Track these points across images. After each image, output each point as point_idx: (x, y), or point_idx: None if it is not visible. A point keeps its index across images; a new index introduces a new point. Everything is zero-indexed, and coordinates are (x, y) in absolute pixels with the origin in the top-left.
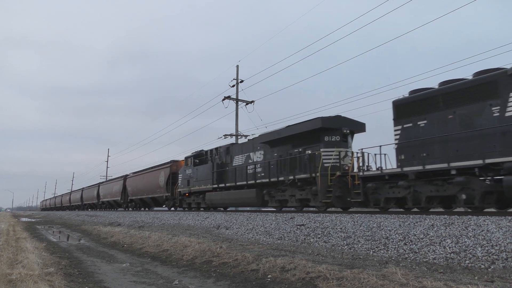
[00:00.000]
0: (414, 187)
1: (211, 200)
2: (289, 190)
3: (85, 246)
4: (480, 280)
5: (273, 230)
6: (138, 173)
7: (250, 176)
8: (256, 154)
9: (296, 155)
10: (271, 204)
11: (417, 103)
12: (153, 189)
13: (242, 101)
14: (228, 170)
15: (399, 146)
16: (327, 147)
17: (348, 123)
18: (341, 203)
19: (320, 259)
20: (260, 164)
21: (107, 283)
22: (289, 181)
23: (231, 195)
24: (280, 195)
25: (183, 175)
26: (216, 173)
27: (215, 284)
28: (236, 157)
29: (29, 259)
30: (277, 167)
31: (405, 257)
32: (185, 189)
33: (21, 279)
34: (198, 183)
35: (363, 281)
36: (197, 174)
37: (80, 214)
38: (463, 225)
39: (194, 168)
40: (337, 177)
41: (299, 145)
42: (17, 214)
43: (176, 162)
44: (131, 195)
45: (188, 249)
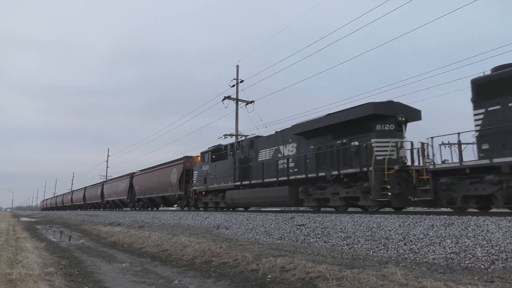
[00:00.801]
0: (507, 183)
1: (233, 199)
2: (331, 188)
3: (85, 246)
4: (480, 280)
5: (273, 230)
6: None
7: (281, 172)
8: (288, 147)
9: (339, 147)
10: (307, 204)
11: (507, 81)
12: (163, 187)
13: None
14: (252, 165)
15: (481, 134)
16: (380, 137)
17: (403, 109)
18: (401, 201)
19: (320, 259)
20: (293, 158)
21: (107, 283)
22: (332, 177)
23: (257, 193)
24: (319, 193)
25: (198, 172)
26: (238, 169)
27: (215, 284)
28: (262, 151)
29: (29, 258)
30: (315, 162)
31: (405, 257)
32: (201, 187)
33: (21, 278)
34: (216, 180)
35: (363, 281)
36: (216, 171)
37: (80, 214)
38: (463, 225)
39: (212, 164)
40: (395, 171)
41: (343, 136)
42: (17, 213)
43: (190, 158)
44: (139, 194)
45: (188, 249)
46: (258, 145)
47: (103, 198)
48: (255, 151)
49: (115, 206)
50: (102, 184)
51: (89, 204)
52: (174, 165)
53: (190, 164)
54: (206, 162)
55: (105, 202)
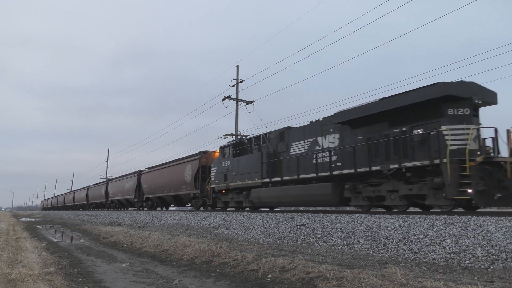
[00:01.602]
0: None
1: (260, 197)
2: (388, 184)
3: (85, 245)
4: (480, 280)
5: (273, 230)
6: (157, 167)
7: (322, 167)
8: (328, 138)
9: (398, 136)
10: (356, 203)
11: None
12: (176, 185)
13: (242, 101)
14: (283, 160)
15: None
16: (453, 124)
17: (479, 90)
18: (485, 199)
19: (320, 259)
20: (335, 151)
21: (107, 283)
22: (391, 171)
23: (291, 191)
24: (371, 191)
25: (217, 168)
26: (266, 165)
27: (215, 284)
28: (295, 144)
29: (29, 258)
30: (366, 154)
31: (405, 257)
32: (221, 185)
33: (21, 278)
34: (239, 177)
35: (363, 281)
36: (238, 167)
37: (80, 214)
38: (463, 225)
39: (234, 159)
40: (478, 164)
41: (402, 123)
42: (17, 213)
43: (206, 153)
44: (148, 193)
45: (188, 249)
46: (289, 137)
47: (108, 197)
48: (285, 144)
49: (121, 206)
50: (106, 183)
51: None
52: (188, 161)
53: (207, 160)
54: (226, 158)
55: (109, 201)
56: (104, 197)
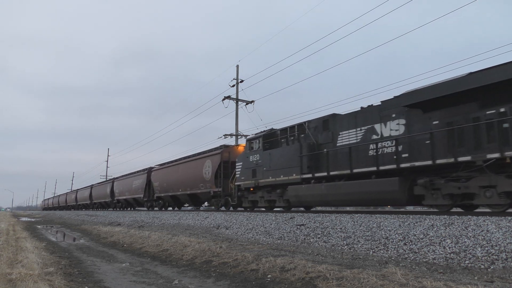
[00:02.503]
0: None
1: (299, 196)
2: (479, 179)
3: (85, 245)
4: (479, 280)
5: (273, 230)
6: (170, 164)
7: (383, 159)
8: (390, 125)
9: (493, 118)
10: (431, 201)
11: None
12: (193, 183)
13: (242, 101)
14: (330, 152)
15: None
16: None
17: None
18: None
19: (320, 259)
20: (401, 139)
21: (107, 283)
22: (487, 162)
23: (342, 188)
24: (454, 187)
25: (244, 163)
26: (307, 158)
27: (215, 284)
28: (344, 133)
29: (29, 258)
30: (447, 142)
31: (405, 257)
32: (249, 181)
33: (21, 278)
34: (272, 173)
35: (363, 281)
36: (271, 161)
37: (80, 214)
38: (463, 225)
39: (265, 153)
40: None
41: (501, 102)
42: (17, 213)
43: (228, 147)
44: (159, 192)
45: (188, 249)
46: (336, 126)
47: (114, 196)
48: (331, 133)
49: (128, 205)
50: (112, 181)
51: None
52: (207, 157)
53: (229, 154)
54: (255, 151)
55: (115, 201)
56: (110, 197)
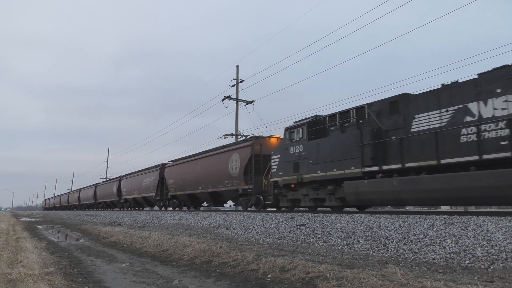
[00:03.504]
0: None
1: (361, 193)
2: None
3: (85, 245)
4: (479, 280)
5: (273, 230)
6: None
7: (487, 146)
8: (493, 103)
9: None
10: None
11: None
12: (216, 180)
13: (242, 101)
14: (404, 140)
15: None
16: None
17: None
18: None
19: (320, 259)
20: None
21: (107, 283)
22: None
23: (424, 183)
24: None
25: (282, 156)
26: (370, 147)
27: (215, 284)
28: (422, 116)
29: (29, 258)
30: None
31: (405, 257)
32: (289, 177)
33: (21, 278)
34: (321, 166)
35: (363, 281)
36: (319, 153)
37: (80, 214)
38: (463, 225)
39: (311, 143)
40: None
41: None
42: (17, 213)
43: (259, 139)
44: (174, 190)
45: (188, 249)
46: (408, 108)
47: (121, 196)
48: (402, 117)
49: (137, 205)
50: (119, 180)
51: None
52: (235, 150)
53: (261, 147)
54: (297, 141)
55: (123, 200)
56: (116, 196)
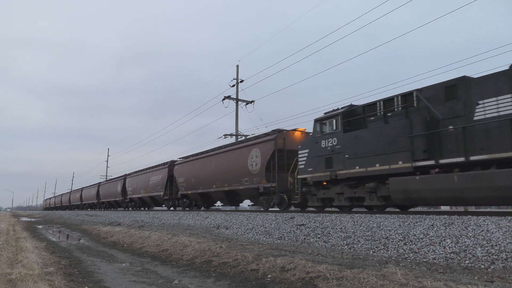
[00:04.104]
0: None
1: (411, 191)
2: None
3: (85, 245)
4: (480, 280)
5: (273, 230)
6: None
7: None
8: None
9: None
10: None
11: None
12: (233, 177)
13: (242, 101)
14: (466, 129)
15: None
16: None
17: None
18: None
19: (320, 259)
20: None
21: (107, 283)
22: None
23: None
24: None
25: (311, 150)
26: (423, 139)
27: (215, 284)
28: (487, 102)
29: (29, 258)
30: None
31: (405, 257)
32: (321, 173)
33: (21, 278)
34: (360, 161)
35: (363, 281)
36: (357, 146)
37: (80, 214)
38: (463, 225)
39: (347, 135)
40: None
41: None
42: (17, 213)
43: (282, 132)
44: (185, 189)
45: (188, 248)
46: (470, 93)
47: (126, 195)
48: (462, 103)
49: (143, 205)
50: (123, 178)
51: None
52: (255, 144)
53: (284, 141)
54: (330, 134)
55: (127, 200)
56: (121, 195)
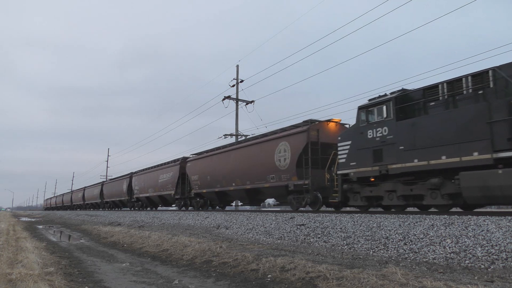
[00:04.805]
0: None
1: (491, 187)
2: None
3: (85, 245)
4: (480, 280)
5: (273, 230)
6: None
7: None
8: None
9: None
10: None
11: None
12: (257, 174)
13: (242, 100)
14: None
15: None
16: None
17: None
18: None
19: (320, 259)
20: None
21: (107, 283)
22: None
23: None
24: None
25: (354, 142)
26: (508, 125)
27: (215, 283)
28: None
29: (29, 258)
30: None
31: (405, 257)
32: (367, 168)
33: (21, 278)
34: (420, 153)
35: (363, 281)
36: (415, 135)
37: (80, 214)
38: (463, 225)
39: (402, 123)
40: None
41: None
42: (17, 213)
43: (315, 123)
44: (199, 187)
45: (188, 248)
46: None
47: (132, 194)
48: None
49: (151, 204)
50: (129, 177)
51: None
52: (283, 137)
53: (318, 133)
54: (379, 122)
55: (134, 199)
56: (126, 194)
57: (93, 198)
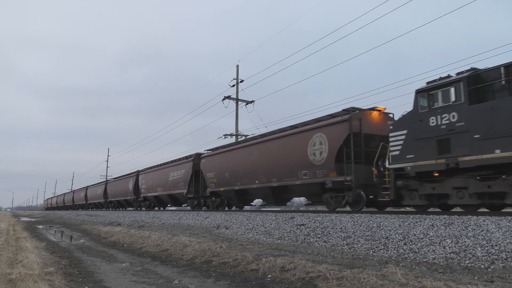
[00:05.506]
0: None
1: None
2: None
3: (85, 245)
4: (480, 280)
5: (273, 230)
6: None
7: None
8: None
9: None
10: None
11: None
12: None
13: (242, 101)
14: None
15: None
16: None
17: None
18: None
19: (320, 259)
20: None
21: (107, 283)
22: None
23: None
24: None
25: (411, 131)
26: None
27: (215, 283)
28: None
29: (29, 258)
30: None
31: (405, 257)
32: (430, 162)
33: (21, 278)
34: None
35: (363, 281)
36: (496, 121)
37: (80, 214)
38: (463, 225)
39: (474, 108)
40: None
41: None
42: (17, 213)
43: (358, 112)
44: (215, 186)
45: (188, 248)
46: None
47: (138, 194)
48: None
49: (159, 204)
50: (136, 175)
51: (112, 202)
52: (318, 128)
53: (360, 122)
54: (444, 108)
55: (141, 199)
56: (132, 194)
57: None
